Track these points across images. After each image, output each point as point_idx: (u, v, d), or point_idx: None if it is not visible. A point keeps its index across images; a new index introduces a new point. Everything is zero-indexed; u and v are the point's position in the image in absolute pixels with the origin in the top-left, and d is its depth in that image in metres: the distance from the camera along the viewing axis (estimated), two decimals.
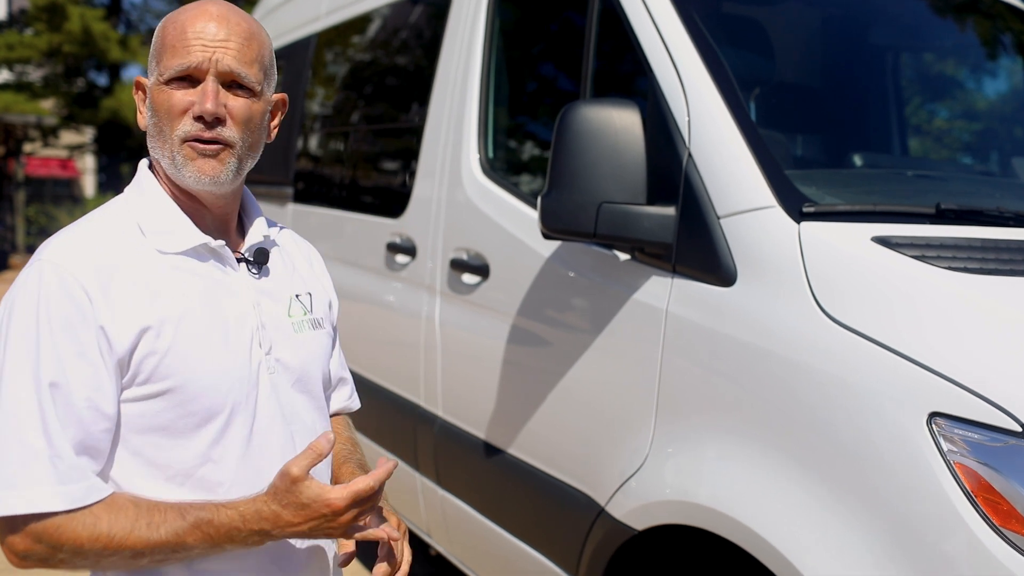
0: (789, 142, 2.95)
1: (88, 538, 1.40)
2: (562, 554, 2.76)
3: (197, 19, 1.51)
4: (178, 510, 1.44)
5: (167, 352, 1.47)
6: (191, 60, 1.49)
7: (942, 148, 3.87)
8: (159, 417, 1.48)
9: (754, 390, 2.13)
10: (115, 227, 1.53)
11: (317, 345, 1.72)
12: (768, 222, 2.19)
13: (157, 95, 1.52)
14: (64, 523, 1.39)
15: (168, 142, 1.51)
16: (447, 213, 3.38)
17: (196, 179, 1.51)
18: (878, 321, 1.94)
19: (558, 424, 2.78)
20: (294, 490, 1.42)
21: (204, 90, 1.49)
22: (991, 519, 1.69)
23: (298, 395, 1.65)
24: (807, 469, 1.99)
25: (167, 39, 1.51)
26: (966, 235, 2.17)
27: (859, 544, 1.87)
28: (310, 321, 1.71)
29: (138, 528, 1.41)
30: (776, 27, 3.17)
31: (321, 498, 1.43)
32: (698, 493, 2.22)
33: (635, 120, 2.37)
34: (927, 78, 3.98)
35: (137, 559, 1.44)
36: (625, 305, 2.50)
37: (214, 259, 1.58)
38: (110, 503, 1.43)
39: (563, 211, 2.35)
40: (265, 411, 1.58)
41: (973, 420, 1.74)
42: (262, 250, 1.66)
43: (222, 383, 1.51)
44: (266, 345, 1.60)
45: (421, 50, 3.90)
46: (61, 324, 1.41)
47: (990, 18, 3.58)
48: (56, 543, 1.40)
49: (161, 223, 1.54)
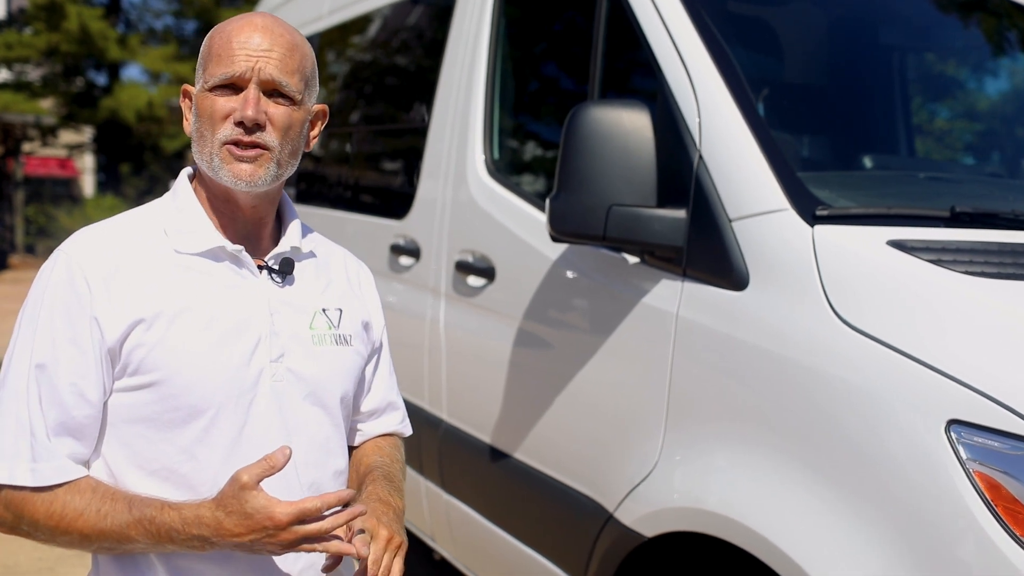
0: (800, 143, 2.92)
1: (44, 515, 1.48)
2: (570, 560, 2.74)
3: (242, 30, 1.57)
4: (127, 503, 1.48)
5: (155, 345, 1.51)
6: (235, 69, 1.54)
7: (952, 149, 3.85)
8: (146, 408, 1.53)
9: (767, 395, 2.10)
10: (137, 226, 1.61)
11: (338, 361, 1.71)
12: (781, 225, 2.16)
13: (202, 101, 1.57)
14: (28, 498, 1.48)
15: (208, 145, 1.56)
16: (452, 215, 3.36)
17: (232, 181, 1.55)
18: (894, 326, 1.92)
19: (565, 429, 2.76)
20: (241, 496, 1.41)
21: (246, 97, 1.54)
22: (1011, 528, 1.66)
23: (309, 407, 1.65)
24: (821, 475, 1.97)
25: (213, 48, 1.57)
26: (982, 239, 2.14)
27: (873, 552, 1.84)
28: (334, 336, 1.70)
29: (88, 514, 1.48)
30: (786, 27, 3.14)
31: (265, 510, 1.41)
32: (709, 500, 2.19)
33: (645, 121, 2.34)
34: (937, 78, 3.96)
35: (85, 542, 1.50)
36: (634, 309, 2.47)
37: (231, 263, 1.61)
38: (71, 486, 1.49)
39: (572, 214, 2.33)
40: (261, 417, 1.58)
41: (992, 428, 1.71)
42: (288, 260, 1.67)
43: (206, 382, 1.53)
44: (275, 352, 1.60)
45: (425, 50, 3.87)
46: (61, 311, 1.51)
47: (999, 17, 3.56)
48: (19, 514, 1.50)
49: (184, 224, 1.60)
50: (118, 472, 1.55)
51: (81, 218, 21.22)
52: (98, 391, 1.51)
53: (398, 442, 1.96)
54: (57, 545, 1.55)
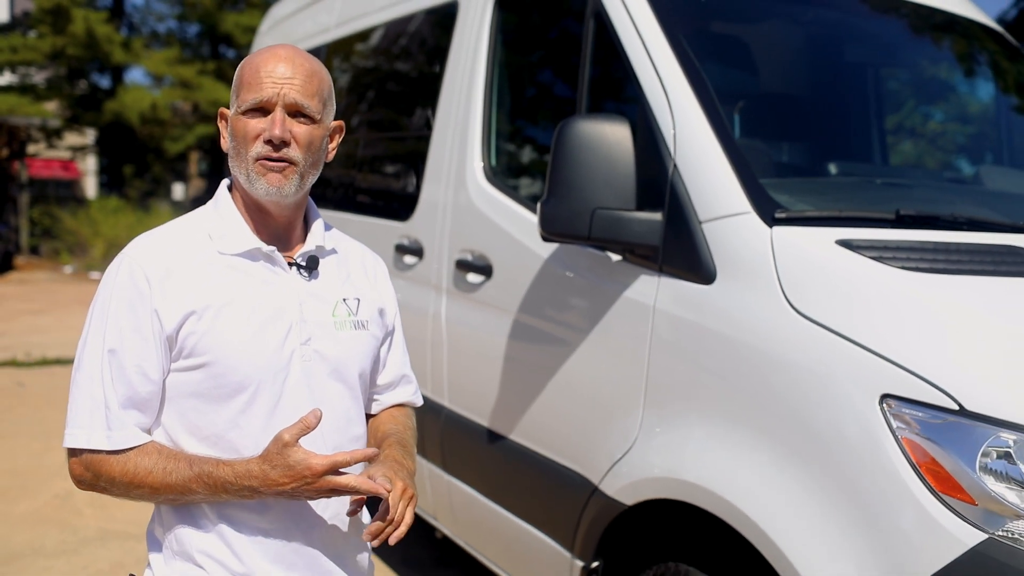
0: (770, 152, 3.20)
1: (119, 473, 1.78)
2: (560, 531, 3.01)
3: (268, 61, 1.83)
4: (188, 461, 1.77)
5: (205, 333, 1.79)
6: (263, 95, 1.80)
7: (918, 158, 4.12)
8: (199, 385, 1.81)
9: (730, 377, 2.38)
10: (187, 231, 1.88)
11: (357, 343, 1.98)
12: (744, 227, 2.44)
13: (236, 123, 1.84)
14: (105, 460, 1.78)
15: (244, 161, 1.83)
16: (453, 216, 3.63)
17: (266, 190, 1.83)
18: (838, 314, 2.20)
19: (556, 411, 3.03)
20: (284, 452, 1.70)
21: (273, 119, 1.81)
22: (932, 486, 1.94)
23: (333, 383, 1.92)
24: (778, 447, 2.24)
25: (244, 78, 1.84)
26: (921, 238, 2.42)
27: (823, 511, 2.12)
28: (353, 322, 1.97)
29: (155, 471, 1.77)
30: (758, 45, 3.42)
31: (304, 462, 1.70)
32: (682, 470, 2.47)
33: (626, 134, 2.62)
34: (904, 91, 4.23)
35: (154, 495, 1.79)
36: (617, 302, 2.75)
37: (266, 261, 1.88)
38: (140, 449, 1.79)
39: (560, 216, 2.60)
40: (293, 392, 1.85)
41: (918, 400, 1.99)
42: (313, 257, 1.95)
43: (248, 363, 1.81)
44: (303, 337, 1.87)
45: (428, 60, 4.14)
46: (125, 305, 1.78)
47: (962, 36, 3.83)
48: (98, 473, 1.79)
49: (225, 229, 1.87)
50: (176, 437, 1.83)
51: (86, 219, 21.44)
52: (158, 371, 1.79)
53: (410, 412, 2.23)
54: (130, 498, 1.83)
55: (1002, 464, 1.91)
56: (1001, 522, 1.88)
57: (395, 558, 4.82)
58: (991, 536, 1.87)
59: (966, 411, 1.94)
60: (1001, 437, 1.91)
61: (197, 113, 25.02)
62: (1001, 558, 1.85)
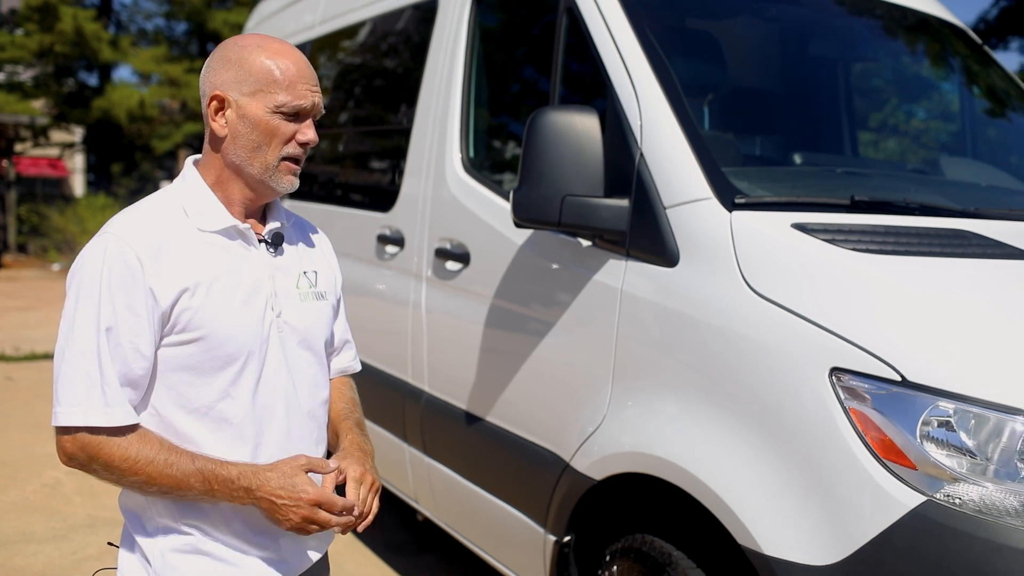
0: (733, 142, 3.31)
1: (120, 458, 1.80)
2: (534, 507, 3.13)
3: (298, 64, 1.91)
4: (190, 457, 1.83)
5: (199, 308, 1.86)
6: (304, 103, 1.90)
7: (883, 150, 4.24)
8: (192, 359, 1.88)
9: (693, 355, 2.50)
10: (165, 208, 1.93)
11: (319, 313, 2.10)
12: (705, 211, 2.56)
13: (266, 120, 1.89)
14: (104, 442, 1.81)
15: (264, 156, 1.91)
16: (432, 207, 3.74)
17: (287, 187, 1.95)
18: (792, 293, 2.32)
19: (530, 392, 3.15)
20: (295, 470, 1.86)
21: (310, 125, 1.93)
22: (876, 452, 2.07)
23: (302, 351, 2.05)
24: (737, 420, 2.36)
25: (277, 77, 1.89)
26: (873, 222, 2.54)
27: (779, 480, 2.24)
28: (314, 293, 2.10)
29: (156, 462, 1.81)
30: (726, 40, 3.54)
31: (304, 485, 1.84)
32: (647, 445, 2.59)
33: (594, 124, 2.73)
34: (868, 87, 4.36)
35: (147, 484, 1.83)
36: (587, 286, 2.87)
37: (240, 238, 1.97)
38: (142, 436, 1.84)
39: (532, 203, 2.71)
40: (273, 361, 1.97)
41: (864, 372, 2.12)
42: (279, 234, 2.05)
43: (240, 335, 1.91)
44: (277, 309, 1.99)
45: (408, 57, 4.25)
46: (118, 283, 1.80)
47: (928, 33, 3.96)
48: (94, 455, 1.81)
49: (201, 207, 1.94)
50: (164, 412, 1.88)
51: (74, 217, 21.41)
52: (151, 347, 1.84)
53: (351, 382, 2.35)
54: (121, 485, 1.87)
55: (941, 432, 2.03)
56: (939, 485, 2.00)
57: (377, 542, 4.92)
58: (930, 498, 1.99)
59: (908, 382, 2.06)
60: (940, 406, 2.03)
61: (185, 111, 25.01)
62: (939, 519, 1.97)
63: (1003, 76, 4.01)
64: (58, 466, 6.00)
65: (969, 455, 2.00)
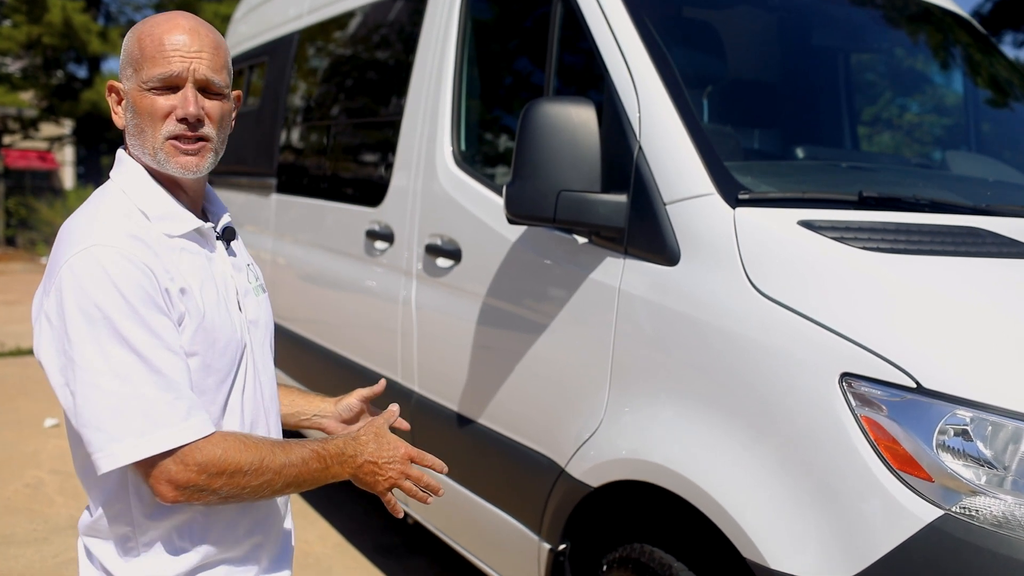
0: (735, 136, 3.20)
1: (247, 462, 1.65)
2: (527, 513, 3.02)
3: (172, 31, 1.71)
4: (286, 442, 1.74)
5: (200, 317, 1.71)
6: (172, 70, 1.69)
7: (888, 143, 4.14)
8: (194, 375, 1.69)
9: (694, 357, 2.38)
10: (127, 214, 1.71)
11: (267, 306, 2.01)
12: (708, 208, 2.44)
13: (140, 99, 1.71)
14: (227, 452, 1.64)
15: (151, 140, 1.72)
16: (423, 202, 3.62)
17: (181, 172, 1.74)
18: (799, 294, 2.20)
19: (524, 394, 3.04)
20: (383, 428, 1.84)
21: (185, 96, 1.70)
22: (890, 463, 1.96)
23: (265, 349, 1.96)
24: (741, 426, 2.25)
25: (146, 50, 1.70)
26: (883, 219, 2.43)
27: (785, 490, 2.13)
28: (260, 286, 1.99)
29: (275, 452, 1.69)
30: (726, 29, 3.42)
31: (398, 441, 1.83)
32: (646, 452, 2.48)
33: (591, 116, 2.62)
34: (873, 78, 4.25)
35: (265, 486, 1.68)
36: (583, 284, 2.75)
37: (204, 239, 1.83)
38: (229, 435, 1.68)
39: (526, 198, 2.60)
40: (250, 364, 1.86)
41: (877, 378, 2.00)
42: (230, 228, 1.92)
43: (233, 343, 1.78)
44: (244, 309, 1.88)
45: (398, 47, 4.13)
46: (142, 295, 1.60)
47: (932, 24, 3.85)
48: (220, 469, 1.62)
49: (160, 209, 1.75)
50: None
51: (63, 210, 21.26)
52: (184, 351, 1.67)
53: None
54: (237, 496, 1.66)
55: (959, 441, 1.92)
56: (957, 498, 1.89)
57: (367, 544, 4.82)
58: (947, 512, 1.88)
59: (923, 389, 1.95)
60: (958, 415, 1.92)
61: None
62: (957, 534, 1.86)
63: (1008, 67, 3.90)
64: (41, 465, 5.88)
65: (988, 466, 1.90)
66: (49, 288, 1.63)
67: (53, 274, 1.63)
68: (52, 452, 6.16)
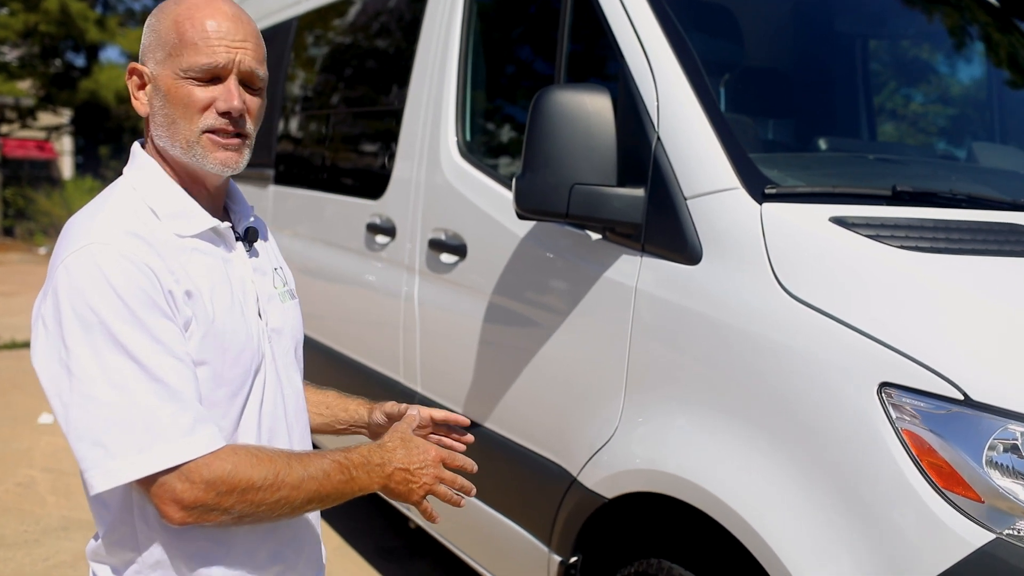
0: (758, 126, 3.04)
1: (259, 477, 1.48)
2: (536, 524, 2.87)
3: (215, 17, 1.57)
4: (309, 455, 1.59)
5: (209, 324, 1.55)
6: (218, 60, 1.56)
7: (910, 133, 3.98)
8: (203, 386, 1.54)
9: (717, 363, 2.23)
10: (135, 212, 1.57)
11: (296, 313, 1.84)
12: (732, 203, 2.28)
13: (175, 88, 1.57)
14: (237, 467, 1.47)
15: (184, 132, 1.58)
16: (426, 194, 3.47)
17: (219, 168, 1.60)
18: (833, 296, 2.05)
19: (533, 398, 2.88)
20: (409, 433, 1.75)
21: (228, 88, 1.57)
22: (935, 481, 1.80)
23: (290, 360, 1.79)
24: (767, 438, 2.10)
25: (185, 35, 1.56)
26: (919, 216, 2.28)
27: (816, 507, 1.98)
28: (288, 292, 1.83)
29: (292, 465, 1.53)
30: (746, 14, 3.26)
31: (427, 445, 1.74)
32: (664, 462, 2.32)
33: (606, 104, 2.46)
34: (895, 65, 4.09)
35: (291, 496, 1.52)
36: (596, 283, 2.60)
37: (220, 239, 1.67)
38: (239, 448, 1.52)
39: (537, 192, 2.44)
40: (270, 375, 1.70)
41: (920, 389, 1.85)
42: (253, 229, 1.77)
43: (245, 351, 1.62)
44: (265, 316, 1.71)
45: (400, 34, 3.97)
46: (142, 297, 1.46)
47: (956, 7, 3.69)
48: (231, 486, 1.46)
49: (172, 207, 1.60)
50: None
51: (60, 200, 21.13)
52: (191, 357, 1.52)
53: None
54: (253, 517, 1.52)
55: (1010, 458, 1.77)
56: (1009, 521, 1.74)
57: (368, 547, 4.68)
58: (998, 536, 1.73)
59: (971, 401, 1.79)
60: (1009, 429, 1.77)
61: None
62: (1011, 560, 1.71)
63: None
64: (33, 463, 5.74)
65: None
66: (47, 290, 1.49)
67: (51, 275, 1.50)
68: (45, 449, 6.01)
